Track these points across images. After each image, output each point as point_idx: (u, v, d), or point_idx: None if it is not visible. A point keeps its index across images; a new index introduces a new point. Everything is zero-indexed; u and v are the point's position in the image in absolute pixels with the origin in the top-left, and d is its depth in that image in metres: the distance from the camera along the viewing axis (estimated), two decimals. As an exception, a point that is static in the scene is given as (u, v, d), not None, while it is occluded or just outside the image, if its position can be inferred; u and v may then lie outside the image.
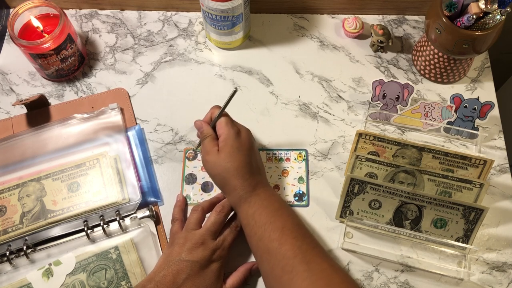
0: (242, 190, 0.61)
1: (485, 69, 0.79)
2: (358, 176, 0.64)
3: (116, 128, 0.73)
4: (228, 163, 0.61)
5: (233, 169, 0.61)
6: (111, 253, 0.64)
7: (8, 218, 0.66)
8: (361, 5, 0.83)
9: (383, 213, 0.65)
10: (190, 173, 0.72)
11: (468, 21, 0.65)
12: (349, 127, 0.75)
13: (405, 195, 0.64)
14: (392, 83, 0.73)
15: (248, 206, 0.60)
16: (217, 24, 0.75)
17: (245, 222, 0.60)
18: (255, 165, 0.63)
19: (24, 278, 0.63)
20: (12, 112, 0.76)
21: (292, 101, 0.77)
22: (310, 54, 0.81)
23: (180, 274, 0.58)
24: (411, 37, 0.82)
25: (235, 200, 0.61)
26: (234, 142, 0.62)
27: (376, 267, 0.66)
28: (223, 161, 0.61)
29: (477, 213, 0.63)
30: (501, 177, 0.71)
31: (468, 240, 0.64)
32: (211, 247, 0.60)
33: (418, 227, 0.65)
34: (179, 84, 0.78)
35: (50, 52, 0.72)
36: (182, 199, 0.69)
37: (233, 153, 0.61)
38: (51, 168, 0.70)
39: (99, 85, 0.78)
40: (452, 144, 0.74)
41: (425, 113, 0.73)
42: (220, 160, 0.61)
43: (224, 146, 0.62)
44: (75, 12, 0.85)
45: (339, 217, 0.67)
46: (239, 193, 0.61)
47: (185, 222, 0.65)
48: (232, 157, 0.61)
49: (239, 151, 0.62)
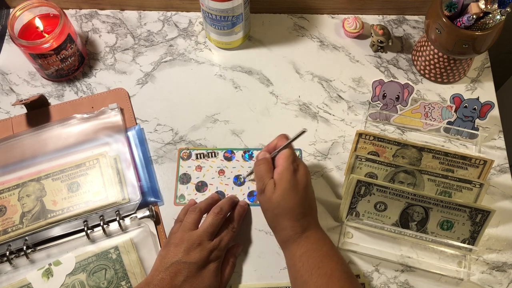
0: (292, 230, 0.59)
1: (485, 69, 0.79)
2: (364, 178, 0.64)
3: (116, 128, 0.73)
4: (282, 201, 0.58)
5: (287, 208, 0.59)
6: (111, 253, 0.64)
7: (8, 218, 0.66)
8: (361, 5, 0.83)
9: (389, 215, 0.65)
10: (184, 173, 0.72)
11: (468, 21, 0.65)
12: (349, 127, 0.75)
13: (411, 196, 0.64)
14: (392, 83, 0.73)
15: (296, 248, 0.59)
16: (217, 24, 0.75)
17: (291, 263, 0.59)
18: (308, 205, 0.61)
19: (24, 278, 0.63)
20: (12, 112, 0.76)
21: (292, 101, 0.77)
22: (310, 54, 0.81)
23: (178, 276, 0.58)
24: (411, 37, 0.82)
25: (283, 239, 0.60)
26: (291, 178, 0.59)
27: (376, 267, 0.66)
28: (278, 197, 0.58)
29: (484, 215, 0.63)
30: (501, 177, 0.71)
31: (474, 241, 0.64)
32: (208, 248, 0.60)
33: (424, 229, 0.65)
34: (179, 84, 0.78)
35: (50, 52, 0.72)
36: (193, 202, 0.68)
37: (288, 191, 0.59)
38: (51, 168, 0.70)
39: (99, 85, 0.78)
40: (452, 144, 0.74)
41: (425, 113, 0.73)
42: (275, 195, 0.59)
43: (280, 180, 0.59)
44: (75, 12, 0.85)
45: (345, 219, 0.67)
46: (288, 233, 0.59)
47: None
48: (287, 195, 0.58)
49: (294, 189, 0.59)
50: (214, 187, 0.71)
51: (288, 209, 0.59)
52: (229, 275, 0.63)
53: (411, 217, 0.65)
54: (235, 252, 0.65)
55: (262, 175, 0.61)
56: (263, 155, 0.64)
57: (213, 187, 0.71)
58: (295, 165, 0.61)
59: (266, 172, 0.61)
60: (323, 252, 0.58)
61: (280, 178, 0.60)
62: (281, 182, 0.59)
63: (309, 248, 0.58)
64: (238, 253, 0.66)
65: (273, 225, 0.61)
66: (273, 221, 0.61)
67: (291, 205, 0.59)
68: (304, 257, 0.58)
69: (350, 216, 0.66)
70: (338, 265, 0.58)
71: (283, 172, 0.60)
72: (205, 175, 0.72)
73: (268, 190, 0.59)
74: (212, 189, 0.71)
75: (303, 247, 0.58)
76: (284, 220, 0.59)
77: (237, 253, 0.66)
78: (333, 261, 0.58)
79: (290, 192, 0.59)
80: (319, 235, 0.60)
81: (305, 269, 0.57)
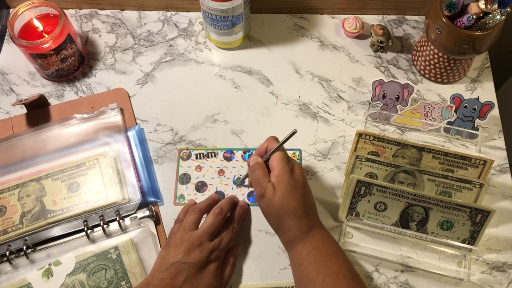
0: (297, 230, 0.59)
1: (485, 69, 0.79)
2: (364, 178, 0.64)
3: (116, 128, 0.73)
4: (284, 203, 0.58)
5: (290, 209, 0.58)
6: (111, 253, 0.64)
7: (8, 218, 0.66)
8: (361, 5, 0.83)
9: (389, 215, 0.65)
10: (184, 173, 0.72)
11: (468, 21, 0.65)
12: (349, 127, 0.75)
13: (411, 196, 0.64)
14: (392, 83, 0.73)
15: (302, 247, 0.58)
16: (217, 24, 0.75)
17: (297, 261, 0.59)
18: (309, 203, 0.61)
19: (24, 278, 0.63)
20: (12, 112, 0.76)
21: (292, 101, 0.77)
22: (310, 54, 0.81)
23: (178, 276, 0.58)
24: (411, 37, 0.82)
25: (289, 240, 0.60)
26: (289, 179, 0.59)
27: (376, 267, 0.66)
28: (280, 200, 0.58)
29: (484, 215, 0.63)
30: (501, 177, 0.71)
31: (474, 241, 0.64)
32: (208, 248, 0.60)
33: (424, 229, 0.65)
34: (179, 84, 0.78)
35: (50, 52, 0.72)
36: (193, 203, 0.68)
37: (289, 192, 0.58)
38: (51, 168, 0.70)
39: (99, 85, 0.78)
40: (452, 144, 0.74)
41: (425, 113, 0.73)
42: (276, 198, 0.58)
43: (278, 182, 0.59)
44: (75, 12, 0.85)
45: (344, 219, 0.67)
46: (294, 233, 0.59)
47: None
48: (288, 196, 0.58)
49: (294, 189, 0.59)
50: (214, 187, 0.71)
51: (291, 210, 0.59)
52: (229, 275, 0.63)
53: (411, 217, 0.65)
54: (235, 252, 0.65)
55: (259, 180, 0.61)
56: (255, 159, 0.63)
57: (213, 187, 0.71)
58: (290, 166, 0.61)
59: (263, 176, 0.61)
60: (329, 250, 0.58)
61: (278, 181, 0.59)
62: (280, 184, 0.59)
63: (315, 246, 0.58)
64: (238, 253, 0.66)
65: (277, 228, 0.61)
66: (278, 223, 0.60)
67: (294, 205, 0.59)
68: (310, 255, 0.58)
69: (350, 216, 0.66)
70: (344, 264, 0.58)
71: (280, 174, 0.60)
72: (205, 175, 0.72)
73: (268, 193, 0.59)
74: (212, 189, 0.71)
75: (309, 246, 0.58)
76: (289, 221, 0.59)
77: (237, 253, 0.66)
78: (338, 260, 0.58)
79: (290, 192, 0.59)
80: (324, 234, 0.60)
81: (312, 267, 0.57)
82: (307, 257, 0.58)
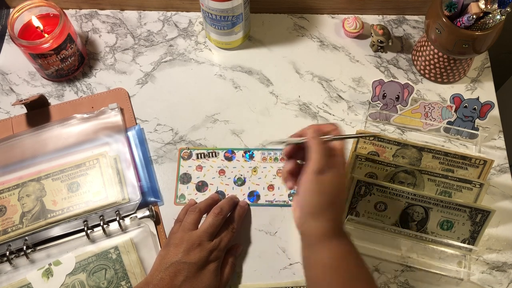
0: (340, 223, 0.55)
1: (485, 69, 0.79)
2: (364, 178, 0.64)
3: (116, 128, 0.73)
4: (341, 193, 0.54)
5: (342, 200, 0.55)
6: (111, 253, 0.64)
7: (8, 218, 0.66)
8: (361, 5, 0.83)
9: (389, 215, 0.65)
10: (185, 173, 0.72)
11: (468, 21, 0.65)
12: (349, 127, 0.75)
13: (411, 196, 0.64)
14: (392, 83, 0.73)
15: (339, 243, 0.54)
16: (217, 24, 0.75)
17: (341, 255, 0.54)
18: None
19: (24, 278, 0.63)
20: (12, 112, 0.76)
21: (292, 101, 0.77)
22: (310, 54, 0.81)
23: (178, 276, 0.58)
24: (411, 37, 0.82)
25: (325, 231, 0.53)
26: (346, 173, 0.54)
27: (376, 267, 0.66)
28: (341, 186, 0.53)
29: (484, 215, 0.63)
30: (501, 177, 0.71)
31: (474, 241, 0.64)
32: (208, 248, 0.60)
33: (424, 229, 0.65)
34: (179, 84, 0.78)
35: (50, 52, 0.72)
36: (193, 202, 0.68)
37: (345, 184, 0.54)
38: (51, 168, 0.70)
39: (99, 85, 0.78)
40: (452, 144, 0.74)
41: (425, 113, 0.73)
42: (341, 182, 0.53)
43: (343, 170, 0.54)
44: (75, 12, 0.85)
45: (345, 219, 0.67)
46: (337, 224, 0.54)
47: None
48: (344, 188, 0.54)
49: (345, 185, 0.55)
50: (214, 187, 0.71)
51: (342, 202, 0.55)
52: (229, 275, 0.63)
53: (411, 217, 0.65)
54: (235, 252, 0.65)
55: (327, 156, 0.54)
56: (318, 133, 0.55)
57: (213, 187, 0.71)
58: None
59: (332, 156, 0.55)
60: (358, 256, 0.55)
61: (344, 169, 0.55)
62: (344, 173, 0.54)
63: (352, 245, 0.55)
64: (238, 254, 0.66)
65: (318, 211, 0.53)
66: (322, 207, 0.53)
67: (344, 198, 0.55)
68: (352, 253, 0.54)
69: (350, 216, 0.66)
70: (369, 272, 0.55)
71: (345, 164, 0.55)
72: (205, 175, 0.72)
73: (334, 173, 0.53)
74: (213, 189, 0.71)
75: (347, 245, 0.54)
76: (334, 212, 0.54)
77: (237, 253, 0.66)
78: (366, 266, 0.55)
79: (345, 185, 0.55)
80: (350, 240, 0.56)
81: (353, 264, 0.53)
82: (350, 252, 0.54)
